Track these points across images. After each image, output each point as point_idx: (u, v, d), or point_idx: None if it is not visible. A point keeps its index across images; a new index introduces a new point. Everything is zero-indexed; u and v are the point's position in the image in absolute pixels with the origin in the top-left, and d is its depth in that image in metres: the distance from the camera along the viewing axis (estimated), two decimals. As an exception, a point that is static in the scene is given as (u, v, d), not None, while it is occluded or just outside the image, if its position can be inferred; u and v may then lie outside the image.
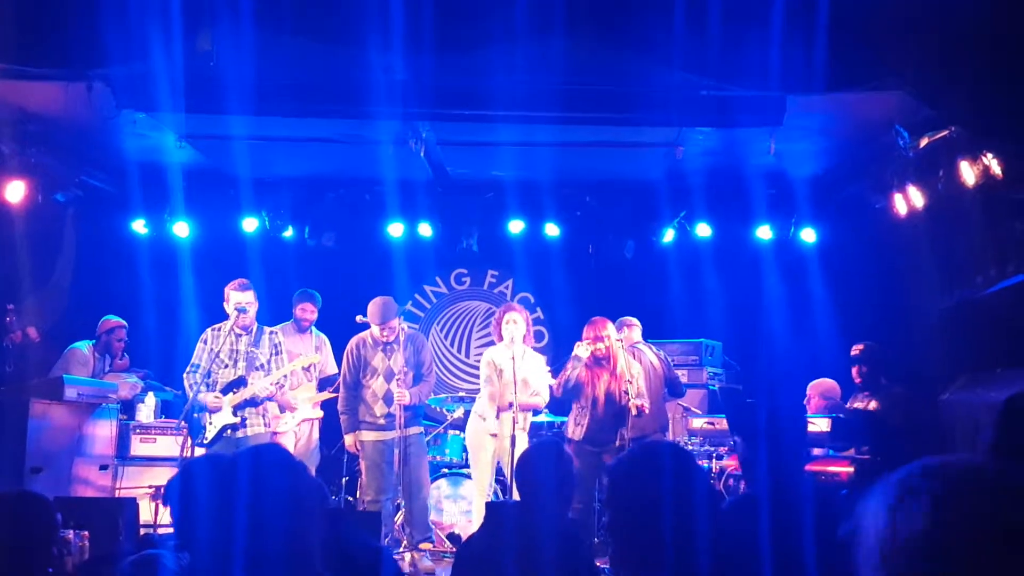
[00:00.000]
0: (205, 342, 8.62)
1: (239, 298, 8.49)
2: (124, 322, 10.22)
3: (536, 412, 9.26)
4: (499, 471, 9.02)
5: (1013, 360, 7.64)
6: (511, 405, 8.54)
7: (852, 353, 8.55)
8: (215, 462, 4.32)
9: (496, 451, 8.83)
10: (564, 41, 6.97)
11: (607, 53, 7.33)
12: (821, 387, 8.92)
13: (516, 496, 5.78)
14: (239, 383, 8.45)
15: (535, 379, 8.92)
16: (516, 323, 8.80)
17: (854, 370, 8.52)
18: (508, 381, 8.68)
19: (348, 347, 9.01)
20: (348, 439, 8.96)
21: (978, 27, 6.42)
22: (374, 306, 8.85)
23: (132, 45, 6.71)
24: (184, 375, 8.64)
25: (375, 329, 8.84)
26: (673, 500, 2.78)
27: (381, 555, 4.12)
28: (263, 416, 8.57)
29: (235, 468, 2.98)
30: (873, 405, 8.20)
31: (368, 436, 8.84)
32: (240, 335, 8.56)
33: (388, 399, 8.77)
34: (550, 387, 8.95)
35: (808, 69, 6.48)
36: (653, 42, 6.83)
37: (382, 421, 8.77)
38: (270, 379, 8.52)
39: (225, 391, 8.42)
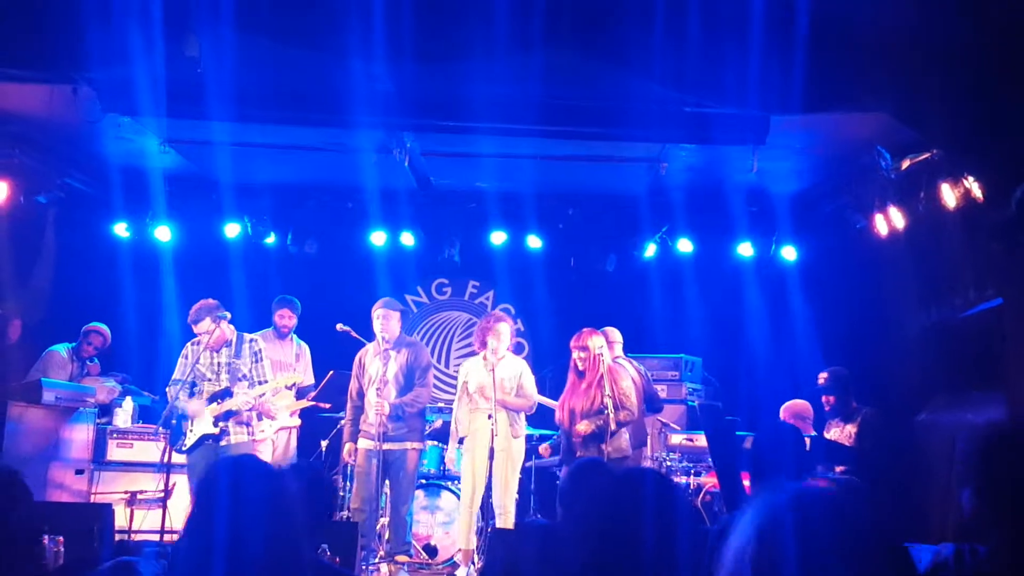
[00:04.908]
0: (186, 357, 8.64)
1: (194, 328, 8.53)
2: (103, 328, 10.16)
3: (519, 412, 9.10)
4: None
5: (989, 382, 7.68)
6: (490, 416, 8.52)
7: (819, 383, 8.53)
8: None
9: (474, 464, 8.76)
10: (545, 54, 7.00)
11: (588, 67, 7.35)
12: (793, 409, 8.88)
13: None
14: (224, 394, 8.45)
15: (515, 381, 8.86)
16: (503, 333, 8.79)
17: (823, 399, 8.52)
18: (481, 392, 8.68)
19: (355, 358, 9.00)
20: (347, 447, 8.93)
21: (960, 50, 6.46)
22: (382, 300, 8.95)
23: (118, 49, 6.72)
24: (167, 388, 8.65)
25: (376, 328, 8.80)
26: (655, 529, 2.80)
27: None
28: (247, 426, 8.55)
29: (215, 477, 2.98)
30: (848, 429, 8.21)
31: (362, 444, 8.79)
32: (218, 349, 8.56)
33: (379, 407, 8.75)
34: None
35: (788, 89, 6.51)
36: (634, 57, 6.85)
37: (373, 430, 8.72)
38: (253, 393, 8.50)
39: (210, 401, 8.42)
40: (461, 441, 8.99)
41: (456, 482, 9.26)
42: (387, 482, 8.75)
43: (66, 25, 6.77)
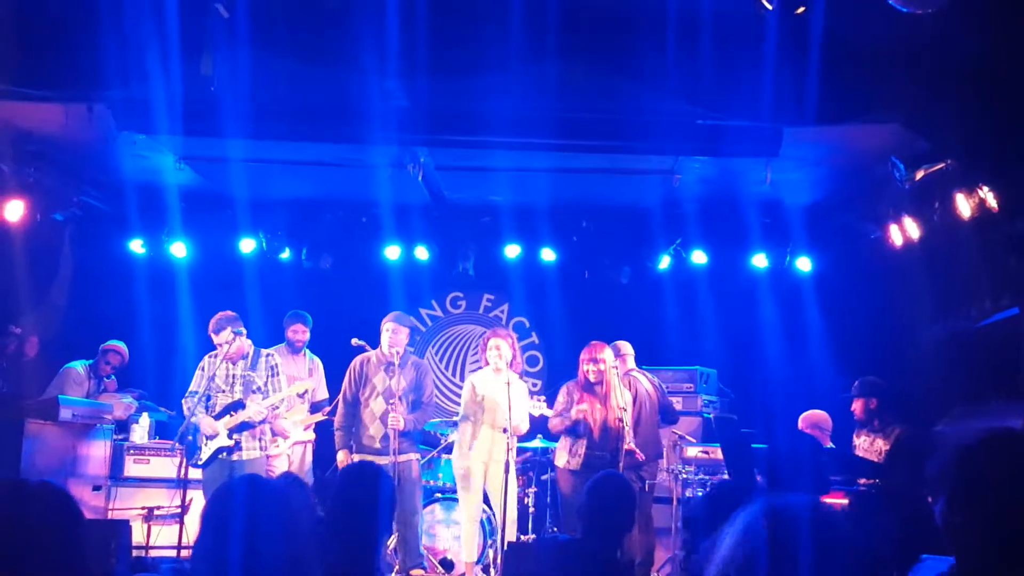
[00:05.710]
0: (203, 369, 8.64)
1: (215, 339, 8.54)
2: (120, 346, 10.20)
3: (518, 439, 9.16)
4: (485, 497, 8.94)
5: (1006, 392, 7.65)
6: (505, 431, 8.52)
7: (852, 392, 8.50)
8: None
9: (485, 477, 8.77)
10: (559, 68, 7.02)
11: (602, 80, 7.38)
12: (811, 419, 8.86)
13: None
14: (236, 406, 8.45)
15: (518, 405, 8.86)
16: (500, 349, 8.78)
17: (854, 405, 8.46)
18: (495, 406, 8.68)
19: (352, 364, 8.96)
20: (340, 455, 8.91)
21: (973, 62, 6.46)
22: (392, 314, 8.94)
23: (133, 68, 6.76)
24: (183, 400, 8.66)
25: (384, 341, 8.79)
26: None
27: None
28: (259, 440, 8.55)
29: (230, 495, 2.98)
30: (879, 445, 8.16)
31: (367, 458, 8.79)
32: (235, 361, 8.58)
33: (385, 420, 8.72)
34: (544, 418, 8.96)
35: (802, 101, 6.51)
36: (648, 70, 6.87)
37: (378, 445, 8.69)
38: (266, 403, 8.51)
39: (222, 414, 8.43)
40: (449, 450, 9.04)
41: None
42: None
43: (82, 45, 6.80)
